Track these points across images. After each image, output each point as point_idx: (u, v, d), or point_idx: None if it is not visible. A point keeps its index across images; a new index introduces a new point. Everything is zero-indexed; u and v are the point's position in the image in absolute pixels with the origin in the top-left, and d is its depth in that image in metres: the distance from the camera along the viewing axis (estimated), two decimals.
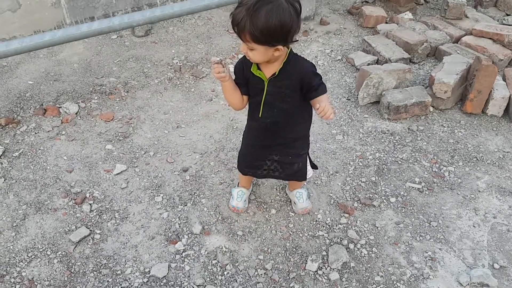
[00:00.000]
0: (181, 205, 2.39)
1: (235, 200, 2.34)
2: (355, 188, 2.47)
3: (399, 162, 2.63)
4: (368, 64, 3.34)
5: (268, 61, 1.73)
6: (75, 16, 3.72)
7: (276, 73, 1.77)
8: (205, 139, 2.80)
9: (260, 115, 1.91)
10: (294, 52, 1.79)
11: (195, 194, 2.44)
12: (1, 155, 2.65)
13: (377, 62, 3.38)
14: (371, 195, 2.43)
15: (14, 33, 3.54)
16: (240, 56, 3.55)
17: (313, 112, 1.95)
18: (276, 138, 1.99)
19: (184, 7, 3.02)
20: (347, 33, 3.87)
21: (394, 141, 2.77)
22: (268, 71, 1.79)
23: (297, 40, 1.67)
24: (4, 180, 2.51)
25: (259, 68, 1.80)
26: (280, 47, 1.63)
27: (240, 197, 2.34)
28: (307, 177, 2.20)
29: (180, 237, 2.22)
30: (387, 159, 2.65)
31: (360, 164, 2.62)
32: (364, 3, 4.19)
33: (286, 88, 1.82)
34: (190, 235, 2.23)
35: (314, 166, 2.25)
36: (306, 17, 4.00)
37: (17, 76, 3.31)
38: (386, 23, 3.85)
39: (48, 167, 2.60)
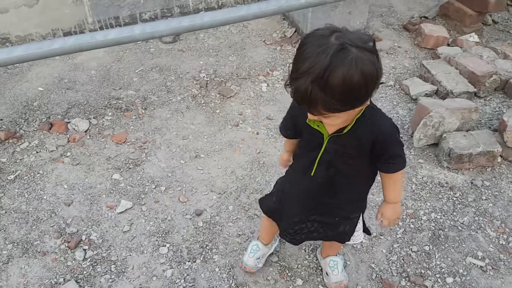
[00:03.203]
0: (189, 261, 1.99)
1: (246, 255, 1.93)
2: (403, 259, 2.01)
3: (459, 228, 2.15)
4: (426, 95, 2.84)
5: None
6: (98, 15, 3.37)
7: (345, 131, 1.32)
8: (226, 174, 2.39)
9: (312, 174, 1.48)
10: (373, 105, 1.34)
11: (207, 248, 2.04)
12: None
13: (436, 92, 2.87)
14: (423, 271, 1.97)
15: (30, 30, 3.22)
16: (276, 73, 3.15)
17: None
18: (325, 198, 1.56)
19: (216, 17, 2.60)
20: (402, 53, 3.36)
21: (454, 198, 2.28)
22: (331, 126, 1.35)
23: (383, 83, 1.23)
24: None
25: None
26: (367, 101, 1.21)
27: (253, 253, 1.92)
28: (355, 242, 1.77)
29: None
30: (444, 222, 2.17)
31: (412, 226, 2.15)
32: (423, 18, 3.65)
33: (352, 149, 1.39)
34: None
35: (366, 231, 1.81)
36: None
37: (28, 80, 2.98)
38: (448, 45, 3.32)
39: (45, 197, 2.25)
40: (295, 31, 3.52)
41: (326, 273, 1.90)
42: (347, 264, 1.98)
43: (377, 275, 1.95)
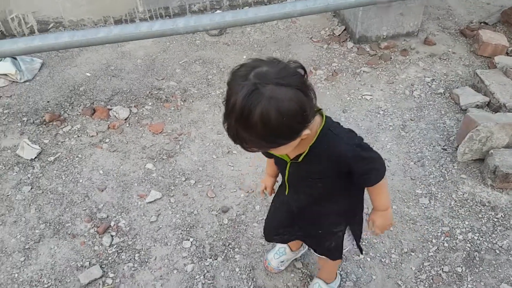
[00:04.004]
0: (210, 257, 1.99)
1: (272, 254, 1.92)
2: (432, 279, 1.91)
3: (497, 252, 2.01)
4: (477, 106, 2.68)
5: None
6: (149, 4, 3.43)
7: (300, 159, 1.28)
8: (256, 173, 2.36)
9: (286, 193, 1.49)
10: (330, 126, 1.25)
11: (230, 246, 2.03)
12: (35, 157, 2.42)
13: (488, 104, 2.69)
14: None
15: (83, 16, 3.33)
16: (319, 72, 3.08)
17: None
18: (302, 219, 1.55)
19: (260, 13, 2.56)
20: (456, 60, 3.18)
21: (495, 219, 2.14)
22: (292, 150, 1.29)
23: (320, 109, 1.21)
24: (31, 188, 2.28)
25: None
26: (305, 132, 1.13)
27: (279, 255, 1.90)
28: (343, 253, 1.65)
29: None
30: (481, 244, 2.04)
31: (446, 245, 2.03)
32: (482, 24, 3.44)
33: (316, 174, 1.33)
34: None
35: (360, 249, 1.71)
36: (408, 33, 3.36)
37: (77, 65, 3.08)
38: (507, 54, 3.10)
39: (81, 181, 2.33)
40: (345, 29, 3.42)
41: None
42: (372, 279, 1.90)
43: None
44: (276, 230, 1.68)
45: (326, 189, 1.38)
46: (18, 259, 1.98)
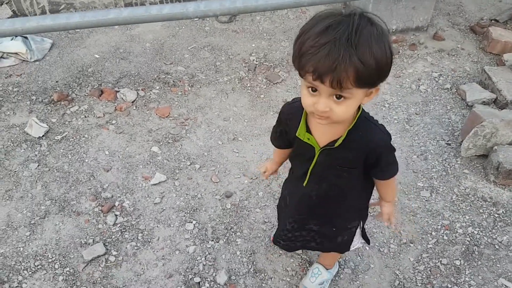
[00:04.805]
0: (212, 240, 2.02)
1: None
2: (430, 271, 1.93)
3: (496, 247, 2.03)
4: (483, 103, 2.68)
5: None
6: None
7: (337, 145, 1.24)
8: (261, 160, 2.38)
9: (304, 185, 1.44)
10: (366, 114, 1.25)
11: (232, 230, 2.06)
12: (43, 135, 2.45)
13: (495, 101, 2.70)
14: (449, 285, 1.88)
15: None
16: None
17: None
18: (319, 209, 1.52)
19: (270, 0, 2.56)
20: (464, 56, 3.17)
21: (496, 215, 2.15)
22: (323, 137, 1.27)
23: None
24: (38, 165, 2.31)
25: (308, 130, 1.28)
26: (375, 88, 1.11)
27: None
28: (352, 248, 1.66)
29: (200, 284, 1.85)
30: (481, 238, 2.05)
31: (445, 238, 2.05)
32: (493, 21, 3.42)
33: (345, 162, 1.31)
34: (212, 284, 1.86)
35: (366, 239, 1.72)
36: (417, 27, 3.36)
37: (86, 46, 3.10)
38: None
39: (86, 160, 2.35)
40: None
41: (306, 274, 1.86)
42: (370, 267, 1.93)
43: (401, 283, 1.89)
44: (283, 232, 1.67)
45: (349, 180, 1.37)
46: (23, 234, 2.02)
